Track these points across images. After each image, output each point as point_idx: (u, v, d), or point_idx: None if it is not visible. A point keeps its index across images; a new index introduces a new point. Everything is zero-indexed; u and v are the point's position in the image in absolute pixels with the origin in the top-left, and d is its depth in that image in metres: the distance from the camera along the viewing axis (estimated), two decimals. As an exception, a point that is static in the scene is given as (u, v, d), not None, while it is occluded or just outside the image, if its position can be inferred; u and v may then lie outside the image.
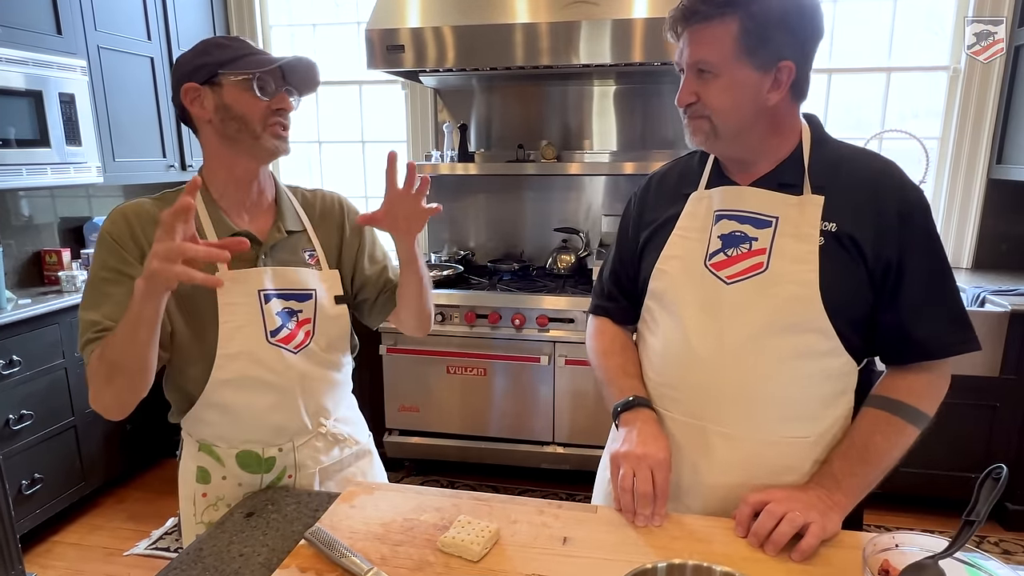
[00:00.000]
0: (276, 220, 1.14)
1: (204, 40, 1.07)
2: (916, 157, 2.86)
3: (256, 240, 1.10)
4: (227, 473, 1.14)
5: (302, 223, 1.18)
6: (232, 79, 1.03)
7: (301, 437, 1.16)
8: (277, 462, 1.14)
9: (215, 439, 1.13)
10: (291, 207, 1.18)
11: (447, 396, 2.76)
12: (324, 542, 0.88)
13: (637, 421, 1.01)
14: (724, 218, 1.01)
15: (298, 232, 1.17)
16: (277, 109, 1.06)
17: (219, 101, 1.04)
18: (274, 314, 1.09)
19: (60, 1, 2.46)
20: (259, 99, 1.04)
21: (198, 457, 1.15)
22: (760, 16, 0.89)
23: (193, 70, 1.04)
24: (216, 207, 1.10)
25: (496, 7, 2.51)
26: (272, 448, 1.14)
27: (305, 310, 1.13)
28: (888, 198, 0.94)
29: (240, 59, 1.04)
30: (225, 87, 1.04)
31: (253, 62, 1.04)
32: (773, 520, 0.87)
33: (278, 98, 1.06)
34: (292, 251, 1.15)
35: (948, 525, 2.45)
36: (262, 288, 1.09)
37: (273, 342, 1.09)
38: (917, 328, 0.95)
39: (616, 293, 1.18)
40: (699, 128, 0.97)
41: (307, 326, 1.14)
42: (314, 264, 1.16)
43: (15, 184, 2.32)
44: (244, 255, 1.07)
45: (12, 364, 2.22)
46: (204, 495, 1.15)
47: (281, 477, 1.16)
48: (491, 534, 0.90)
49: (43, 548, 2.40)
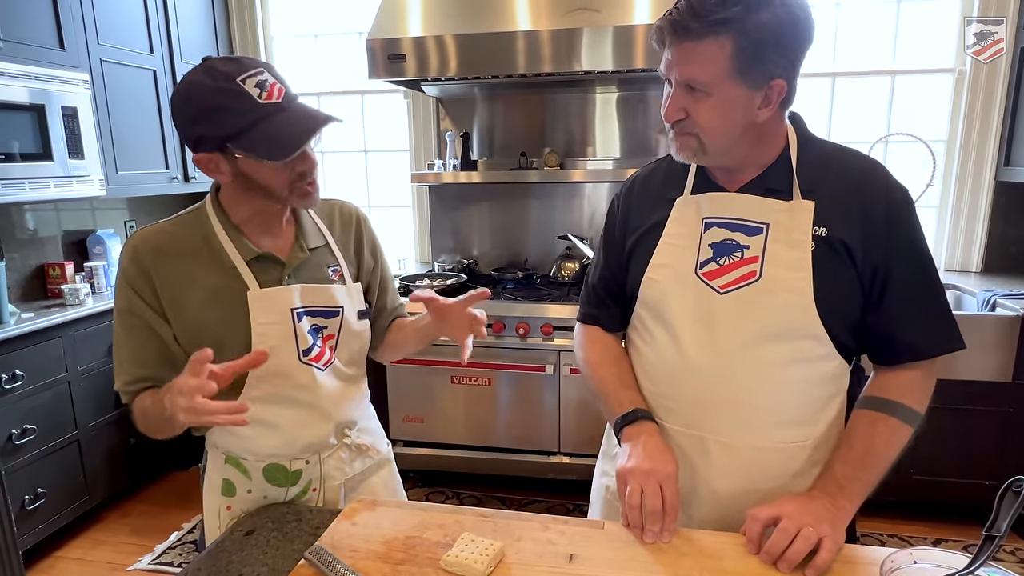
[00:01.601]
0: (297, 238, 1.10)
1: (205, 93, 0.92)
2: (923, 160, 2.83)
3: (278, 261, 1.07)
4: (253, 486, 1.13)
5: (324, 237, 1.14)
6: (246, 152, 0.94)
7: (327, 450, 1.15)
8: (303, 475, 1.13)
9: (243, 452, 1.12)
10: (311, 222, 1.14)
11: (452, 406, 2.74)
12: (325, 561, 0.87)
13: (642, 435, 0.99)
14: (714, 226, 0.99)
15: (320, 247, 1.13)
16: (302, 172, 0.98)
17: (236, 170, 0.97)
18: (305, 333, 1.08)
19: (63, 15, 2.47)
20: (280, 169, 0.96)
21: (224, 470, 1.13)
22: (755, 36, 0.86)
23: (198, 140, 0.95)
24: (237, 231, 1.06)
25: (497, 15, 2.50)
26: (299, 461, 1.13)
27: (330, 326, 1.11)
28: (874, 199, 0.94)
29: (251, 129, 0.92)
30: (240, 158, 0.95)
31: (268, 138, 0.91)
32: (787, 538, 0.85)
33: (301, 159, 0.97)
34: (316, 268, 1.11)
35: (961, 533, 2.40)
36: (295, 306, 1.06)
37: (305, 361, 1.08)
38: (905, 329, 0.95)
39: (606, 300, 1.15)
40: (686, 145, 0.95)
41: (331, 342, 1.12)
42: (338, 279, 1.13)
43: (18, 198, 2.32)
44: (268, 277, 1.06)
45: (15, 378, 2.21)
46: (228, 508, 1.14)
47: (306, 491, 1.14)
48: (495, 552, 0.88)
49: (46, 564, 2.38)
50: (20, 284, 2.70)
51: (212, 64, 0.94)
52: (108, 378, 2.58)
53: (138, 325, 1.04)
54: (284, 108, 0.94)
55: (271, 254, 1.07)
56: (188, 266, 1.04)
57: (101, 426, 2.59)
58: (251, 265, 1.05)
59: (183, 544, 2.49)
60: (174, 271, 1.03)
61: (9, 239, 2.65)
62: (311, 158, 0.99)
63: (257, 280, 1.04)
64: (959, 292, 2.66)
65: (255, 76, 0.93)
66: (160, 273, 1.03)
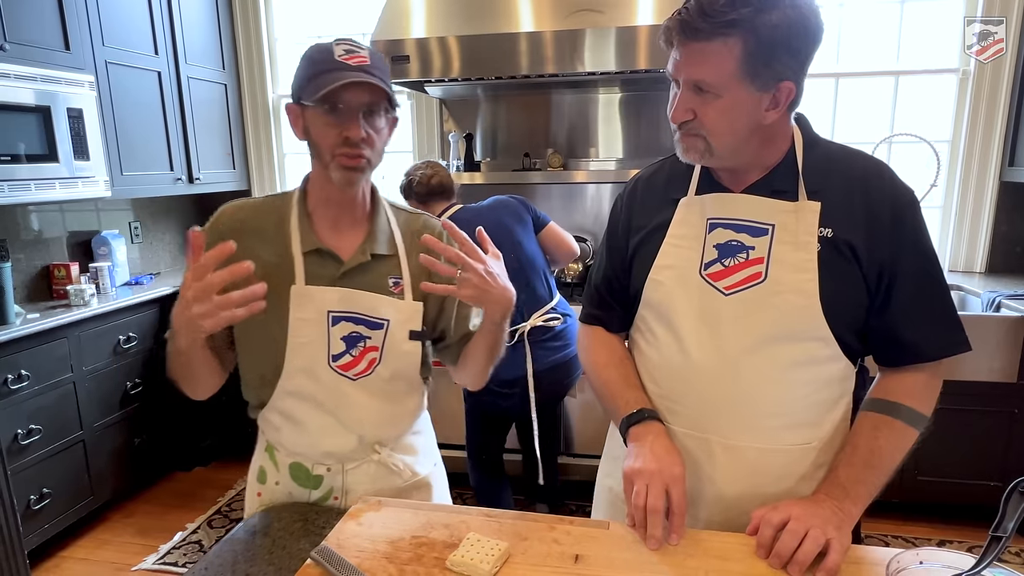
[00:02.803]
0: (365, 240, 1.08)
1: (309, 49, 1.02)
2: (927, 161, 2.83)
3: (337, 259, 1.07)
4: (280, 479, 1.14)
5: (395, 247, 1.11)
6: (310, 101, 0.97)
7: (351, 462, 1.12)
8: (325, 481, 1.13)
9: (277, 443, 1.14)
10: (386, 229, 1.11)
11: (456, 407, 2.74)
12: (331, 561, 0.87)
13: (648, 435, 0.99)
14: (719, 226, 0.99)
15: (388, 256, 1.10)
16: (346, 137, 0.98)
17: (305, 124, 1.02)
18: (339, 338, 1.06)
19: (68, 17, 2.48)
20: (329, 126, 0.98)
21: (262, 457, 1.17)
22: (765, 37, 0.85)
23: (292, 90, 1.02)
24: (308, 218, 1.07)
25: (500, 16, 2.51)
26: (321, 467, 1.12)
27: (374, 338, 1.08)
28: (880, 200, 0.93)
29: (316, 77, 0.96)
30: (308, 109, 0.99)
31: (319, 83, 0.95)
32: (795, 539, 0.85)
33: (348, 124, 0.97)
34: (377, 275, 1.08)
35: (968, 535, 2.40)
36: (332, 309, 1.05)
37: (333, 367, 1.07)
38: (910, 331, 0.95)
39: (610, 301, 1.15)
40: (693, 146, 0.94)
41: (373, 354, 1.08)
42: (397, 292, 1.09)
43: (24, 199, 2.33)
44: (323, 273, 1.06)
45: (21, 379, 2.22)
46: (259, 494, 1.16)
47: (327, 498, 1.14)
48: (501, 552, 0.88)
49: (51, 564, 2.39)
50: (25, 285, 2.71)
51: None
52: (113, 378, 2.61)
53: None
54: (349, 69, 0.97)
55: (331, 251, 1.06)
56: (257, 244, 1.05)
57: (106, 427, 2.60)
58: (309, 257, 1.05)
59: (187, 544, 2.50)
60: (243, 245, 1.01)
61: (14, 240, 2.66)
62: (358, 127, 0.98)
63: (309, 273, 1.05)
64: (963, 293, 2.66)
65: (350, 45, 1.00)
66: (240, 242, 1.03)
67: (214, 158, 3.29)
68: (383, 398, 1.11)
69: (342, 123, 0.98)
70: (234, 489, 2.91)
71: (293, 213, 1.07)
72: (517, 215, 2.22)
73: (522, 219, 2.23)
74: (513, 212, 2.23)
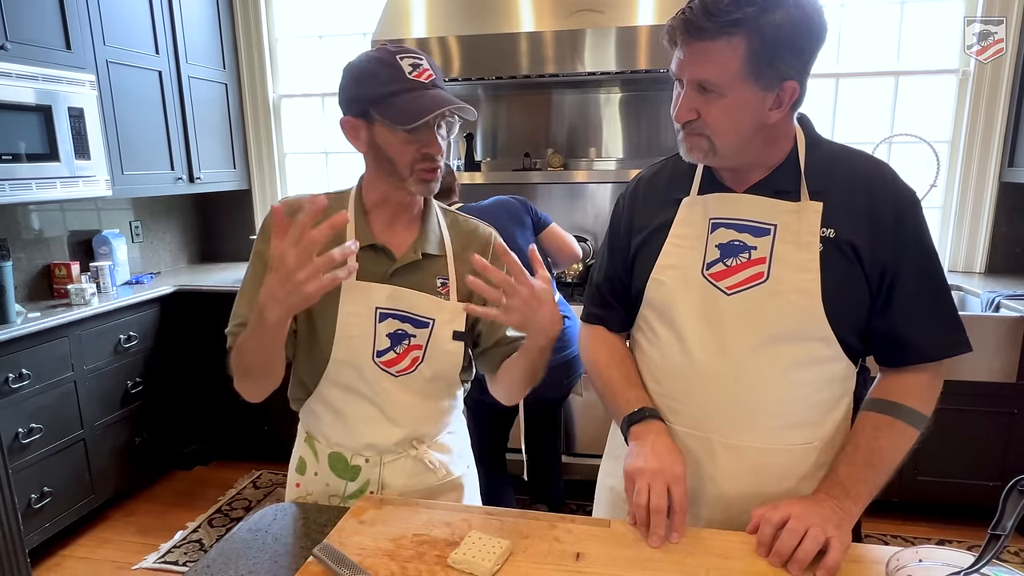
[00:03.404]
0: (417, 239, 1.11)
1: (365, 61, 1.00)
2: (926, 161, 2.83)
3: (391, 256, 1.09)
4: (319, 470, 1.16)
5: (444, 248, 1.13)
6: (381, 117, 0.99)
7: (390, 455, 1.14)
8: (362, 473, 1.14)
9: (318, 434, 1.16)
10: (436, 230, 1.14)
11: (455, 406, 2.74)
12: (333, 559, 0.87)
13: (650, 434, 0.99)
14: (721, 226, 0.99)
15: (437, 257, 1.12)
16: (425, 153, 1.01)
17: (371, 138, 1.02)
18: (384, 335, 1.08)
19: (69, 16, 2.49)
20: (407, 143, 1.00)
21: (302, 447, 1.18)
22: (769, 36, 0.85)
23: (349, 101, 1.02)
24: (364, 215, 1.09)
25: (501, 16, 2.51)
26: (359, 457, 1.14)
27: (419, 336, 1.10)
28: (882, 200, 0.94)
29: (392, 97, 0.98)
30: (377, 125, 1.01)
31: (404, 106, 0.97)
32: (796, 538, 0.85)
33: (427, 140, 1.01)
34: (426, 274, 1.11)
35: (966, 535, 2.40)
36: (379, 305, 1.07)
37: (377, 363, 1.09)
38: (911, 331, 0.95)
39: (611, 300, 1.15)
40: (697, 146, 0.95)
41: (416, 352, 1.10)
42: (444, 293, 1.11)
43: (25, 198, 2.33)
44: (375, 269, 1.08)
45: (22, 377, 2.22)
46: (298, 485, 1.18)
47: (363, 490, 1.15)
48: (503, 550, 0.88)
49: (52, 562, 2.40)
50: (26, 284, 2.71)
51: (383, 45, 1.04)
52: (114, 378, 2.61)
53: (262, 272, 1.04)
54: (427, 88, 1.00)
55: (384, 247, 1.08)
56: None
57: (107, 425, 2.60)
58: (363, 252, 1.06)
59: (188, 543, 2.50)
60: None
61: (15, 239, 2.66)
62: (437, 142, 1.02)
63: (362, 268, 1.05)
64: (963, 293, 2.66)
65: (412, 57, 1.01)
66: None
67: (215, 157, 3.29)
68: (422, 396, 1.14)
69: (420, 139, 1.01)
70: (234, 488, 2.92)
71: (350, 210, 1.09)
72: (516, 216, 2.22)
73: (521, 220, 2.22)
74: (512, 213, 2.22)
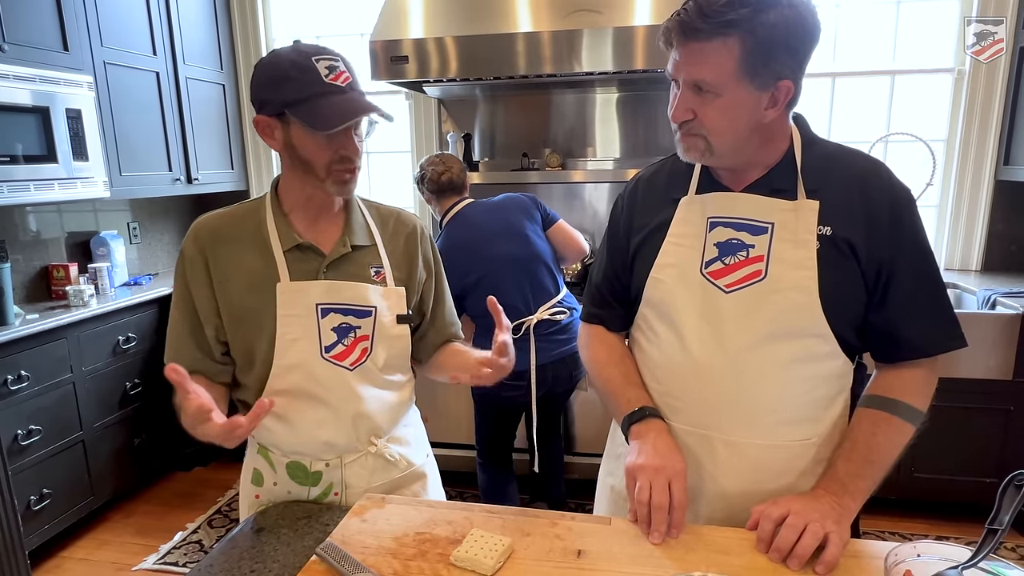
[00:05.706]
0: (344, 233, 1.12)
1: (279, 61, 0.99)
2: (922, 160, 2.85)
3: (319, 252, 1.09)
4: (278, 480, 1.15)
5: (372, 238, 1.15)
6: (298, 120, 0.99)
7: (350, 455, 1.14)
8: (323, 477, 1.13)
9: (270, 445, 1.15)
10: (361, 220, 1.15)
11: (455, 405, 2.75)
12: (336, 557, 0.88)
13: (650, 433, 1.00)
14: (719, 225, 1.00)
15: (367, 247, 1.14)
16: (343, 155, 1.02)
17: (287, 139, 1.02)
18: (329, 329, 1.08)
19: (67, 18, 2.48)
20: (324, 147, 1.00)
21: (255, 459, 1.17)
22: (763, 36, 0.86)
23: (263, 103, 1.01)
24: (284, 217, 1.09)
25: (498, 16, 2.51)
26: (319, 463, 1.13)
27: (364, 327, 1.11)
28: (878, 199, 0.95)
29: (308, 101, 0.98)
30: (292, 126, 1.00)
31: (320, 111, 0.97)
32: (795, 533, 0.86)
33: (343, 143, 1.01)
34: (359, 265, 1.12)
35: (964, 531, 2.41)
36: (319, 302, 1.07)
37: (327, 358, 1.08)
38: (907, 327, 0.96)
39: (611, 300, 1.16)
40: (694, 146, 0.96)
41: (365, 343, 1.11)
42: (380, 280, 1.13)
43: (23, 200, 2.33)
44: (306, 267, 1.08)
45: (20, 379, 2.22)
46: (257, 496, 1.17)
47: (327, 493, 1.15)
48: (504, 548, 0.89)
49: (52, 564, 2.39)
50: (24, 285, 2.71)
51: (298, 43, 1.04)
52: (113, 379, 2.61)
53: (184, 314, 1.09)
54: (343, 92, 1.00)
55: (312, 245, 1.09)
56: (239, 251, 1.07)
57: (106, 427, 2.60)
58: (291, 254, 1.07)
59: (188, 544, 2.50)
60: (226, 254, 1.07)
61: (13, 241, 2.66)
62: (354, 144, 1.03)
63: (293, 269, 1.07)
64: (959, 290, 2.68)
65: (329, 60, 1.00)
66: (214, 256, 1.07)
67: (212, 158, 3.29)
68: (380, 386, 1.15)
69: (337, 142, 1.01)
70: (234, 489, 2.91)
71: (268, 216, 1.09)
72: (526, 210, 2.27)
73: (531, 214, 2.28)
74: (522, 207, 2.28)
